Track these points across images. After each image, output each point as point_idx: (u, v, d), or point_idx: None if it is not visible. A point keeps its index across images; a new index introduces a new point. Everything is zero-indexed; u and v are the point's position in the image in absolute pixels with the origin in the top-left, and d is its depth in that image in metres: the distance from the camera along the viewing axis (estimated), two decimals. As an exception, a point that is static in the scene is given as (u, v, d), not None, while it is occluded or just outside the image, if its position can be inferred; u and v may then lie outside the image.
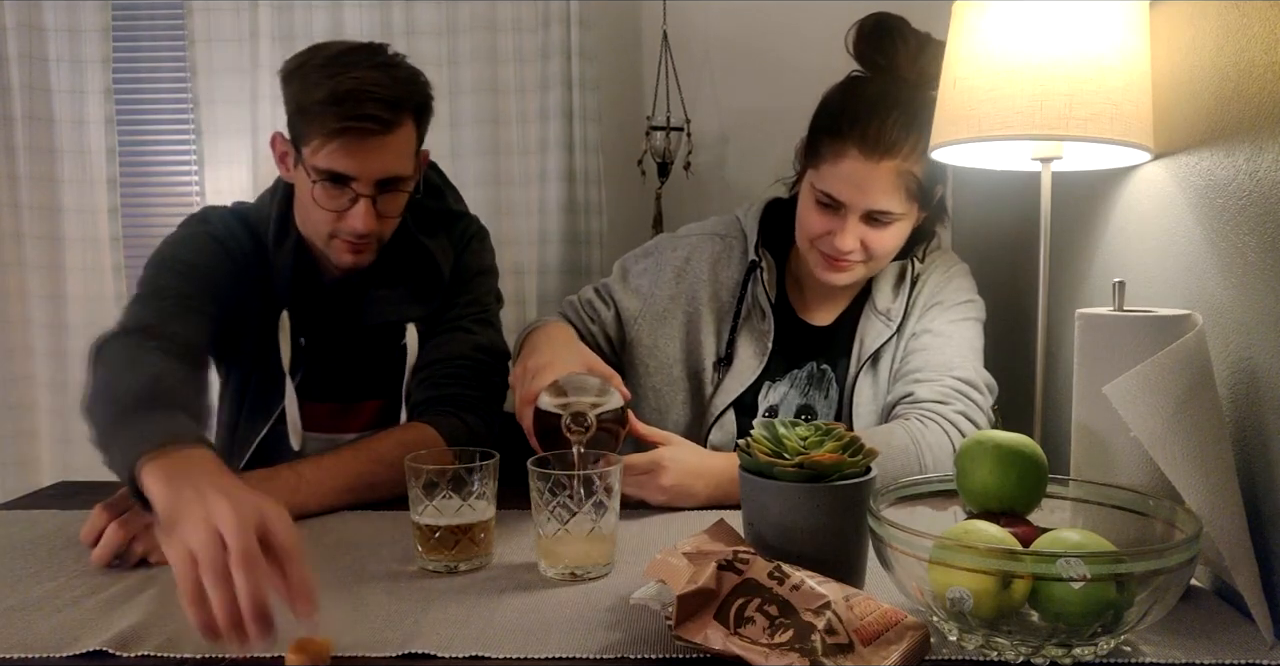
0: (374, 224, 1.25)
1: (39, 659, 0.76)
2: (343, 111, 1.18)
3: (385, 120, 1.20)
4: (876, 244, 1.27)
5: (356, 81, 1.18)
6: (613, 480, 0.93)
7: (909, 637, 0.72)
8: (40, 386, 1.98)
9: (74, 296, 1.98)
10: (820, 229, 1.28)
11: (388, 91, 1.20)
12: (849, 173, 1.23)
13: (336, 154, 1.20)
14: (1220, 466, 0.83)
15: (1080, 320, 0.92)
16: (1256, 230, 0.88)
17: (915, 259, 1.37)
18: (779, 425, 0.91)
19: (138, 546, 0.96)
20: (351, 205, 1.24)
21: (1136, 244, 1.15)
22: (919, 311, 1.35)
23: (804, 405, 1.36)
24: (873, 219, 1.26)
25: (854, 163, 1.23)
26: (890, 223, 1.26)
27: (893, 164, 1.22)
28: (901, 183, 1.23)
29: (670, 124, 1.98)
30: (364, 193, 1.23)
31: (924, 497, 0.90)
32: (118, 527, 0.96)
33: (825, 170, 1.25)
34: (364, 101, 1.18)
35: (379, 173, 1.23)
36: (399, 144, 1.23)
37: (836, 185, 1.25)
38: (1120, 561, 0.70)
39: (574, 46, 1.90)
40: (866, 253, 1.28)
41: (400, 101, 1.22)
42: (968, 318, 1.35)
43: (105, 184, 1.95)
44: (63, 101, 1.95)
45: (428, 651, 0.76)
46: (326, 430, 1.38)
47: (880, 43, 1.28)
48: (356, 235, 1.26)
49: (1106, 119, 1.03)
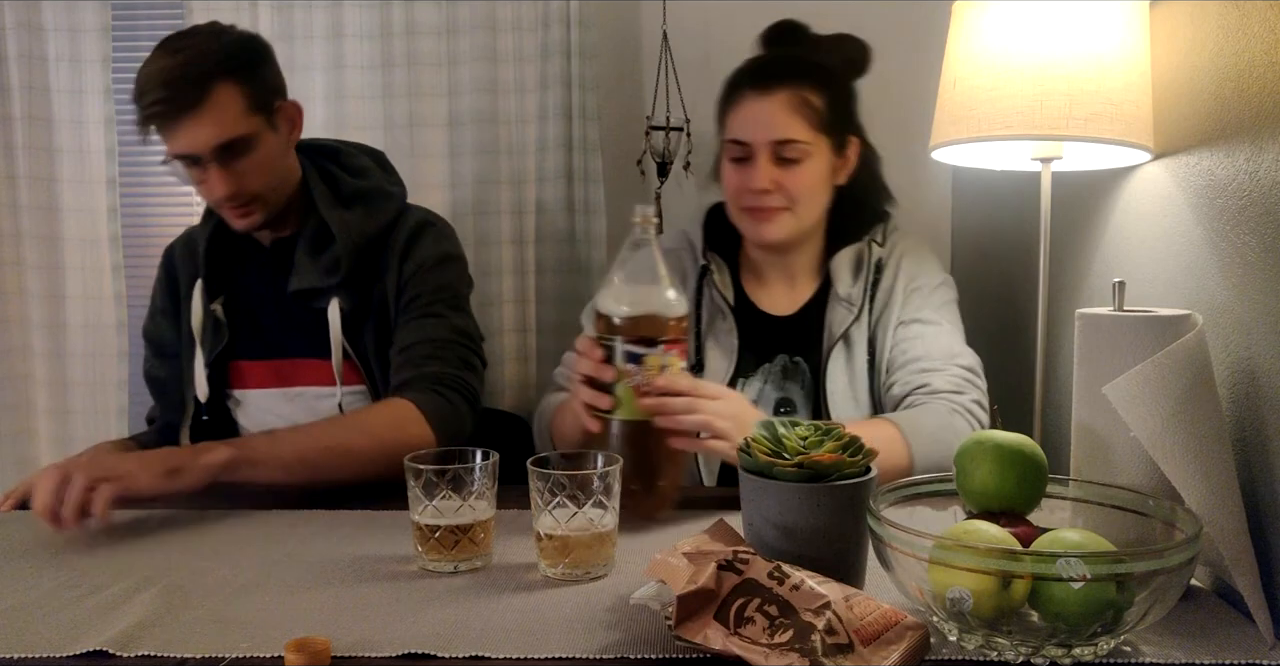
0: (231, 185, 1.35)
1: (39, 659, 0.76)
2: (145, 101, 1.30)
3: (182, 99, 1.29)
4: (791, 183, 1.30)
5: (148, 73, 1.30)
6: (612, 480, 0.93)
7: (909, 637, 0.72)
8: (40, 386, 1.98)
9: (73, 296, 1.97)
10: (737, 183, 1.32)
11: (178, 71, 1.29)
12: (746, 111, 1.30)
13: (167, 139, 1.33)
14: (1220, 466, 0.83)
15: (1080, 320, 0.92)
16: (1256, 230, 0.88)
17: (874, 242, 1.38)
18: (779, 425, 0.91)
19: None
20: (207, 176, 1.35)
21: (1136, 244, 1.15)
22: (901, 296, 1.36)
23: (782, 397, 1.37)
24: (782, 159, 1.29)
25: (749, 101, 1.30)
26: (800, 159, 1.29)
27: (786, 92, 1.28)
28: (798, 110, 1.28)
29: (670, 124, 1.98)
30: (209, 160, 1.33)
31: (924, 497, 0.90)
32: None
33: (729, 122, 1.32)
34: (156, 88, 1.29)
35: (208, 142, 1.32)
36: (216, 112, 1.31)
37: (738, 127, 1.30)
38: (1120, 561, 0.70)
39: (574, 46, 1.90)
40: (786, 195, 1.30)
41: (198, 77, 1.30)
42: (948, 300, 1.38)
43: (105, 184, 1.95)
44: (62, 101, 1.94)
45: (428, 651, 0.76)
46: (271, 385, 1.49)
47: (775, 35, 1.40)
48: (223, 199, 1.36)
49: (1106, 119, 1.03)
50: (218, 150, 1.32)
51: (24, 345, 1.98)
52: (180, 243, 1.57)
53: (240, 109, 1.33)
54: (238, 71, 1.33)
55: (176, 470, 1.10)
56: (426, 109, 1.93)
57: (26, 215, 1.95)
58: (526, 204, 1.96)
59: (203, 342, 1.47)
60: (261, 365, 1.49)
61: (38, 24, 1.92)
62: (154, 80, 1.29)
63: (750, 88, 1.30)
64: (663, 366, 1.05)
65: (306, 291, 1.44)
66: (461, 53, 1.93)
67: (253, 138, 1.35)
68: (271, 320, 1.48)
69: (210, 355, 1.47)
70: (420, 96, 1.93)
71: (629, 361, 1.05)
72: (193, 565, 0.97)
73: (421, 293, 1.43)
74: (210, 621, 0.83)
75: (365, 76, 1.92)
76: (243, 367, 1.50)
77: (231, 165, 1.34)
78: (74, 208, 1.96)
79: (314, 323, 1.44)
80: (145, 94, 1.30)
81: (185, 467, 1.10)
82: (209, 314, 1.48)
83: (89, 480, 1.05)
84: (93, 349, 1.97)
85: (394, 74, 1.92)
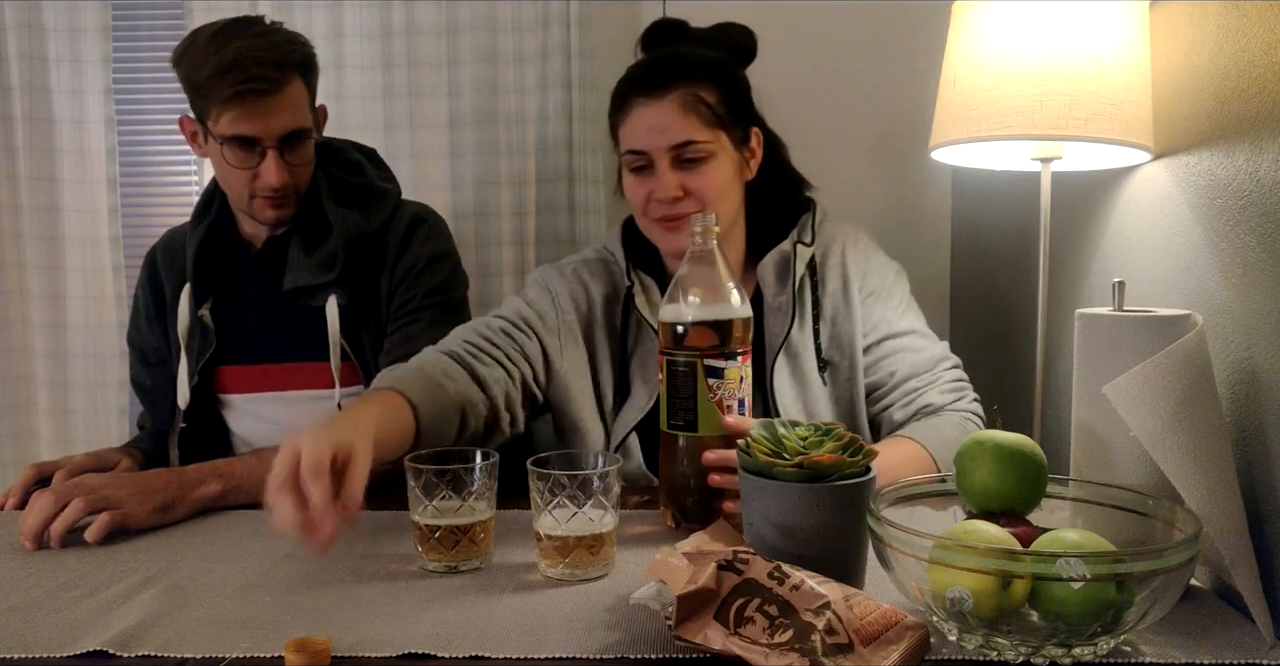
0: (286, 175, 1.38)
1: (39, 659, 0.76)
2: (232, 78, 1.30)
3: (273, 79, 1.32)
4: (699, 185, 1.23)
5: (238, 50, 1.30)
6: (613, 480, 0.93)
7: (909, 637, 0.72)
8: (40, 386, 1.98)
9: (74, 296, 1.97)
10: (642, 194, 1.26)
11: (268, 54, 1.32)
12: (638, 119, 1.25)
13: (239, 119, 1.33)
14: (1220, 466, 0.83)
15: (1080, 320, 0.92)
16: (1256, 230, 0.88)
17: (801, 243, 1.30)
18: (778, 425, 0.91)
19: None
20: (261, 161, 1.36)
21: (1136, 244, 1.15)
22: (858, 303, 1.29)
23: None
24: (684, 161, 1.23)
25: (639, 109, 1.24)
26: (703, 159, 1.23)
27: (677, 93, 1.23)
28: (692, 109, 1.23)
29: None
30: (270, 146, 1.36)
31: (924, 497, 0.90)
32: None
33: (623, 133, 1.27)
34: (248, 66, 1.30)
35: (279, 129, 1.35)
36: (291, 100, 1.36)
37: (632, 136, 1.25)
38: (1120, 561, 0.70)
39: (574, 46, 1.90)
40: (695, 201, 1.24)
41: (282, 62, 1.33)
42: (905, 296, 1.34)
43: (105, 184, 1.95)
44: (63, 101, 1.94)
45: (428, 651, 0.76)
46: (264, 389, 1.48)
47: (655, 36, 1.36)
48: (272, 189, 1.38)
49: (1106, 119, 1.03)
50: (284, 137, 1.36)
51: (24, 345, 1.98)
52: (161, 247, 1.56)
53: (305, 102, 1.39)
54: (305, 66, 1.39)
55: (168, 506, 1.11)
56: (426, 109, 1.93)
57: (27, 215, 1.95)
58: (527, 205, 1.96)
59: (189, 349, 1.47)
60: (252, 369, 1.48)
61: (38, 24, 1.92)
62: (239, 59, 1.29)
63: (638, 94, 1.24)
64: (741, 378, 1.05)
65: (302, 289, 1.43)
66: (462, 53, 1.93)
67: (309, 132, 1.40)
68: (263, 323, 1.48)
69: (198, 362, 1.46)
70: (420, 97, 1.93)
71: (710, 376, 1.03)
72: (193, 565, 0.97)
73: (412, 296, 1.44)
74: (210, 621, 0.83)
75: (365, 77, 1.92)
76: (233, 372, 1.49)
77: (288, 155, 1.38)
78: (74, 208, 1.96)
79: (308, 324, 1.44)
80: (230, 70, 1.29)
81: (176, 503, 1.12)
82: (196, 320, 1.47)
83: (87, 507, 1.05)
84: (93, 349, 1.97)
85: (394, 74, 1.92)
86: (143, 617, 0.83)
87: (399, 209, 1.50)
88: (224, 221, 1.50)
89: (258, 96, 1.31)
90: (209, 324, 1.47)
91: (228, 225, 1.51)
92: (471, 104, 1.93)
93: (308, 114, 1.40)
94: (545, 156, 1.95)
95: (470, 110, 1.93)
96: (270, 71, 1.31)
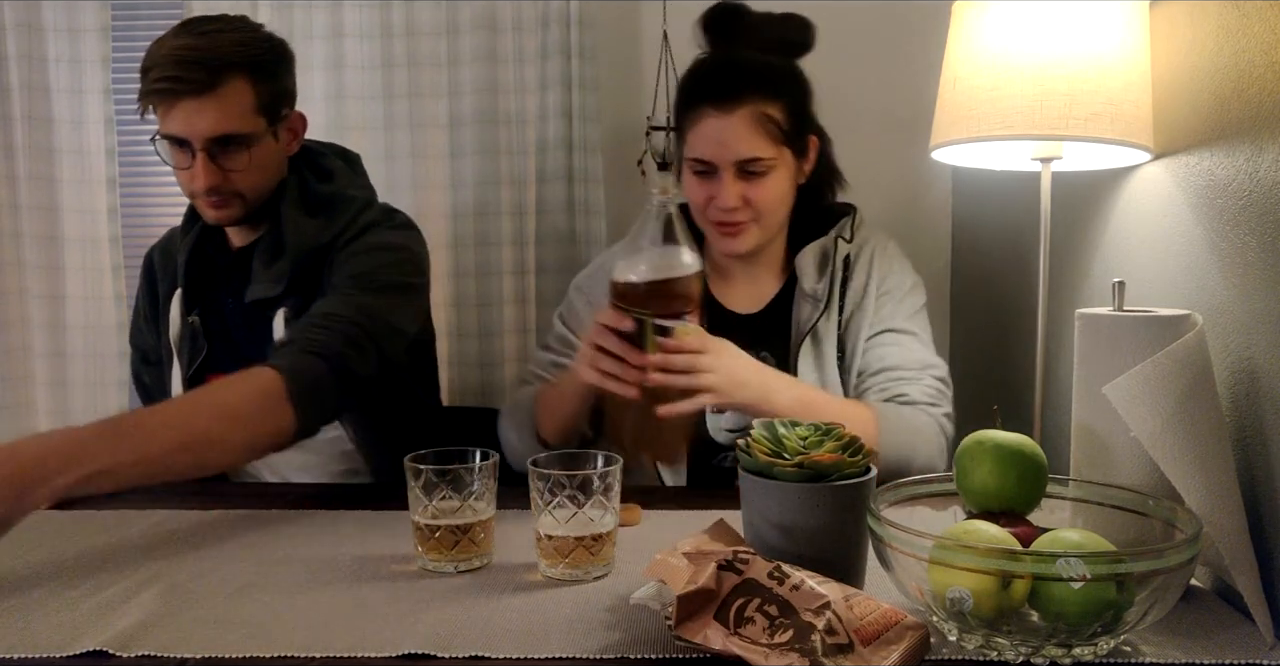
0: (216, 178, 1.32)
1: (39, 659, 0.76)
2: (155, 75, 1.26)
3: (197, 81, 1.26)
4: (758, 197, 1.29)
5: (173, 48, 1.27)
6: (613, 480, 0.93)
7: (909, 637, 0.72)
8: (40, 386, 1.98)
9: (73, 296, 1.97)
10: (703, 197, 1.31)
11: (205, 54, 1.26)
12: (708, 130, 1.28)
13: (165, 117, 1.29)
14: (1220, 466, 0.83)
15: (1080, 320, 0.92)
16: (1256, 230, 0.88)
17: (841, 238, 1.37)
18: (778, 425, 0.91)
19: None
20: (193, 163, 1.31)
21: (1136, 244, 1.15)
22: (873, 300, 1.35)
23: None
24: (746, 172, 1.28)
25: (710, 120, 1.28)
26: (765, 172, 1.28)
27: (746, 110, 1.27)
28: (760, 126, 1.27)
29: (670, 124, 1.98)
30: (199, 148, 1.30)
31: (924, 498, 0.90)
32: None
33: (691, 139, 1.30)
34: (169, 65, 1.26)
35: (206, 131, 1.29)
36: (225, 103, 1.29)
37: (701, 146, 1.29)
38: (1120, 561, 0.70)
39: (574, 46, 1.90)
40: (752, 210, 1.30)
41: (218, 62, 1.27)
42: (919, 307, 1.39)
43: (105, 184, 1.95)
44: (62, 101, 1.94)
45: (428, 651, 0.76)
46: None
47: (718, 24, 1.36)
48: (203, 191, 1.33)
49: (1106, 119, 1.03)
50: (211, 141, 1.30)
51: (24, 345, 1.98)
52: (159, 249, 1.55)
53: (247, 106, 1.31)
54: (254, 68, 1.31)
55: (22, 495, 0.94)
56: (427, 109, 1.93)
57: (26, 215, 1.95)
58: (527, 205, 1.96)
59: (180, 354, 1.45)
60: None
61: (38, 24, 1.92)
62: (169, 56, 1.26)
63: (709, 105, 1.27)
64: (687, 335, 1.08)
65: (261, 301, 1.39)
66: (462, 53, 1.93)
67: (250, 138, 1.33)
68: (241, 332, 1.44)
69: (190, 367, 1.44)
70: (420, 97, 1.93)
71: (658, 334, 1.06)
72: (193, 565, 0.97)
73: (340, 276, 1.34)
74: (210, 621, 0.83)
75: (365, 76, 1.92)
76: None
77: (220, 160, 1.31)
78: (74, 208, 1.96)
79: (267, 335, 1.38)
80: (155, 67, 1.26)
81: (30, 491, 0.95)
82: (187, 326, 1.45)
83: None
84: (93, 349, 1.97)
85: (394, 74, 1.92)
86: (143, 617, 0.83)
87: (360, 215, 1.42)
88: (211, 227, 1.46)
89: (177, 97, 1.27)
90: (199, 329, 1.45)
91: (213, 231, 1.47)
92: (471, 104, 1.93)
93: (247, 118, 1.32)
94: (545, 156, 1.95)
95: (470, 110, 1.93)
96: (197, 72, 1.26)
